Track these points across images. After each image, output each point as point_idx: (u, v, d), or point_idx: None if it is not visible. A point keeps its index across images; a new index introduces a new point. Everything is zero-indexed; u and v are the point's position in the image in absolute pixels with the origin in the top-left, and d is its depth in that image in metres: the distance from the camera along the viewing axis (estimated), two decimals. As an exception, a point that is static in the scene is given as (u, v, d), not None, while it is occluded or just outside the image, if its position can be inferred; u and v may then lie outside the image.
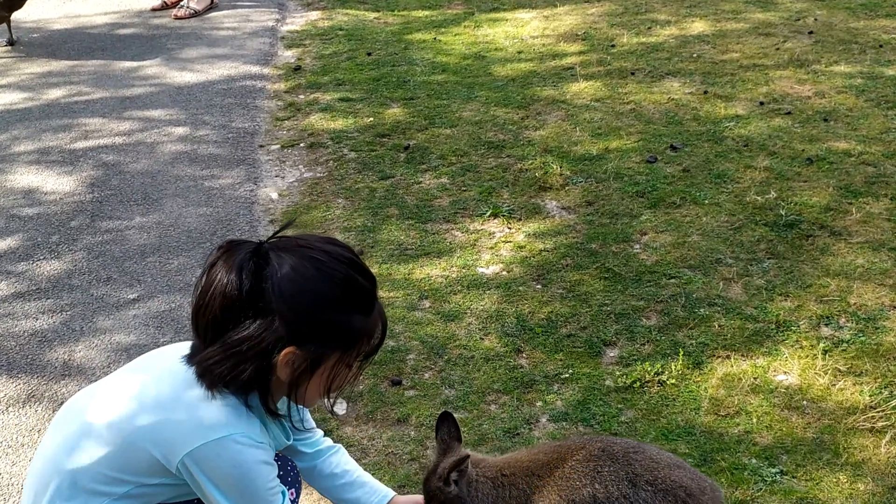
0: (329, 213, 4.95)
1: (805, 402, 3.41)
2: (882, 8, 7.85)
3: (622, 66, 6.72)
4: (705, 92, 6.16)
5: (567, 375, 3.61)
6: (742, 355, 3.67)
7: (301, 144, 5.85)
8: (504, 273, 4.34)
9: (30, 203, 5.22)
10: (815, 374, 3.53)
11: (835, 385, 3.47)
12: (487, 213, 4.85)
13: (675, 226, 4.62)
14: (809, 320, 3.85)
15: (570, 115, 5.98)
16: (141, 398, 2.13)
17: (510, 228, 4.74)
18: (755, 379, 3.53)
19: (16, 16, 7.88)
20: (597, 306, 4.03)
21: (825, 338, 3.74)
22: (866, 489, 3.00)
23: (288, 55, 7.48)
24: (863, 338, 3.72)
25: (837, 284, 4.07)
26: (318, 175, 5.43)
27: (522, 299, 4.12)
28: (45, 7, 9.00)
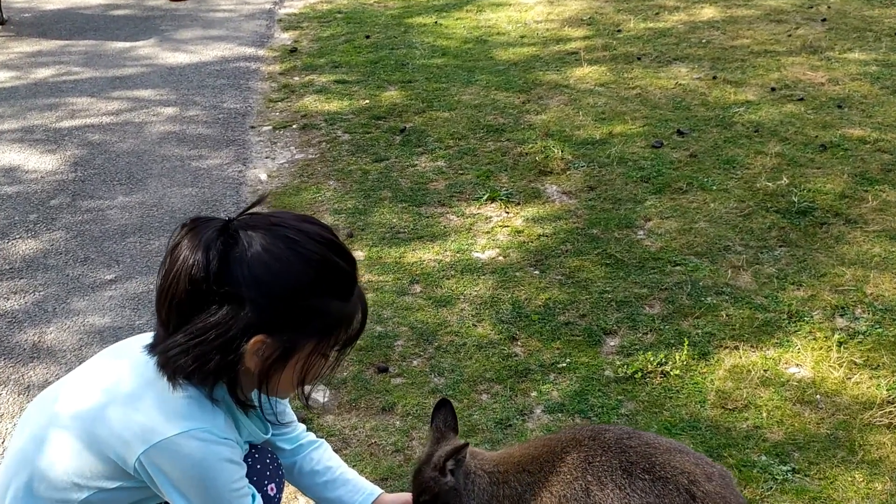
0: (319, 195, 4.74)
1: (818, 397, 3.18)
2: (897, -3, 7.64)
3: (628, 50, 6.50)
4: (714, 77, 5.93)
5: (564, 365, 3.39)
6: (751, 346, 3.45)
7: (293, 126, 5.64)
8: (500, 258, 4.13)
9: (9, 181, 5.02)
10: (830, 366, 3.31)
11: (850, 378, 3.24)
12: (485, 197, 4.63)
13: (681, 212, 4.40)
14: (823, 311, 3.63)
15: (573, 99, 5.76)
16: (104, 390, 1.92)
17: (508, 213, 4.52)
18: (765, 371, 3.31)
19: (7, -5, 7.71)
20: (597, 293, 3.81)
21: (840, 329, 3.51)
22: (884, 489, 2.77)
23: (284, 37, 7.27)
24: (880, 329, 3.49)
25: (853, 274, 3.84)
26: (310, 157, 5.22)
27: (519, 285, 3.90)
28: (38, -12, 8.84)
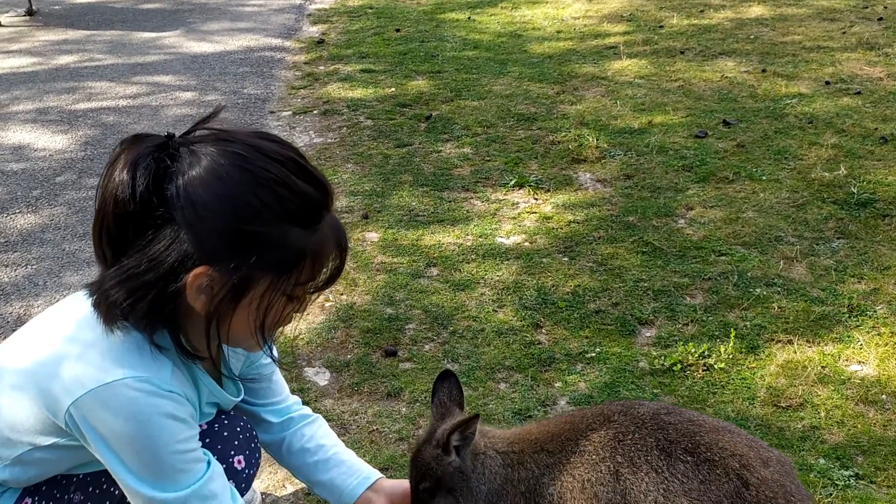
0: (336, 177, 4.44)
1: (884, 397, 2.77)
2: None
3: (670, 45, 6.15)
4: (764, 70, 5.55)
5: (593, 354, 3.02)
6: (807, 341, 3.05)
7: (314, 112, 5.37)
8: (526, 244, 3.78)
9: (17, 158, 4.81)
10: (897, 365, 2.90)
11: (922, 379, 2.83)
12: (512, 183, 4.30)
13: (727, 201, 4.02)
14: (888, 305, 3.21)
15: (611, 90, 5.42)
16: (44, 340, 1.65)
17: (537, 199, 4.17)
18: (823, 368, 2.90)
19: (37, -14, 7.63)
20: (632, 282, 3.44)
21: (908, 325, 3.10)
22: (967, 503, 2.35)
23: (313, 30, 7.05)
24: (954, 327, 3.07)
25: (921, 268, 3.43)
26: (330, 141, 4.94)
27: (546, 271, 3.55)
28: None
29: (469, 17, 7.21)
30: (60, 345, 1.60)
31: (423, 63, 6.09)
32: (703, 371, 2.90)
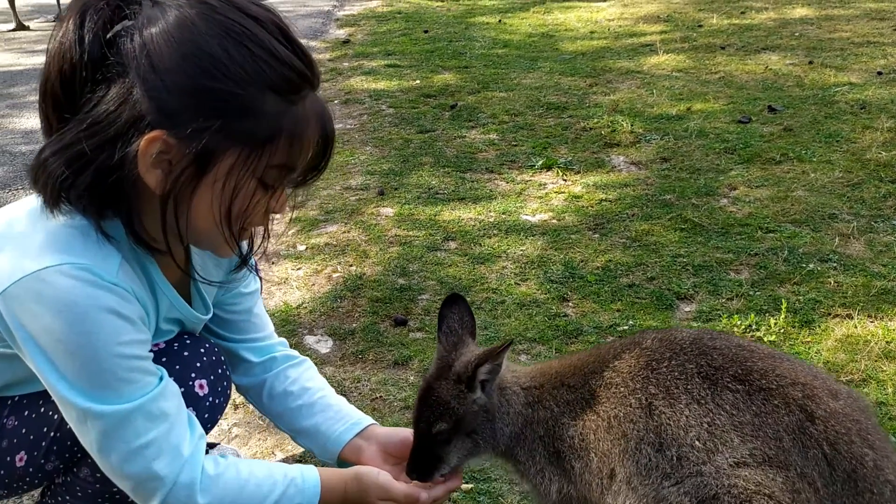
0: (352, 158, 4.20)
1: (960, 374, 2.41)
2: None
3: (710, 41, 5.87)
4: (811, 62, 5.25)
5: (626, 327, 2.70)
6: (869, 316, 2.70)
7: (335, 101, 5.16)
8: (553, 221, 3.48)
9: (26, 142, 4.66)
10: (975, 341, 2.53)
11: None
12: (539, 164, 4.02)
13: (775, 181, 3.69)
14: (960, 281, 2.86)
15: (647, 82, 5.14)
16: None
17: (566, 180, 3.88)
18: (888, 343, 2.55)
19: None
20: (669, 257, 3.12)
21: (984, 302, 2.73)
22: None
23: (339, 33, 6.91)
24: None
25: None
26: (349, 126, 4.72)
27: (574, 247, 3.24)
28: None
29: (500, 21, 7.02)
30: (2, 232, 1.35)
31: (450, 59, 5.88)
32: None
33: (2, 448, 1.50)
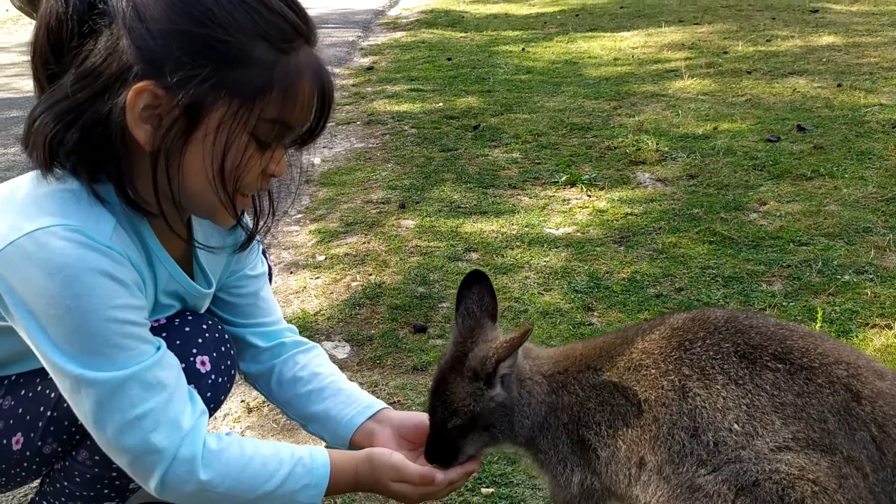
0: (374, 174, 4.16)
1: None
2: None
3: (736, 67, 5.81)
4: (839, 85, 5.17)
5: (654, 336, 2.59)
6: (909, 326, 2.58)
7: (357, 122, 5.15)
8: (577, 234, 3.40)
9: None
10: None
11: None
12: (563, 180, 3.95)
13: (806, 196, 3.60)
14: None
15: (672, 105, 5.08)
16: None
17: (590, 196, 3.81)
18: (931, 354, 2.43)
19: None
20: (698, 269, 3.02)
21: None
22: None
23: (363, 61, 6.94)
24: None
25: None
26: (371, 146, 4.69)
27: (599, 258, 3.16)
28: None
29: (523, 49, 7.03)
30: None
31: (473, 84, 5.87)
32: (786, 352, 2.45)
33: (-2, 429, 1.43)
